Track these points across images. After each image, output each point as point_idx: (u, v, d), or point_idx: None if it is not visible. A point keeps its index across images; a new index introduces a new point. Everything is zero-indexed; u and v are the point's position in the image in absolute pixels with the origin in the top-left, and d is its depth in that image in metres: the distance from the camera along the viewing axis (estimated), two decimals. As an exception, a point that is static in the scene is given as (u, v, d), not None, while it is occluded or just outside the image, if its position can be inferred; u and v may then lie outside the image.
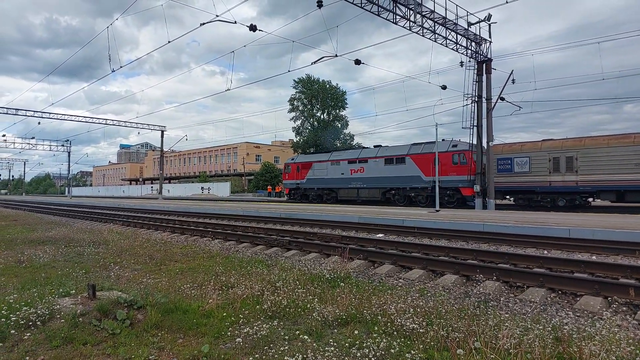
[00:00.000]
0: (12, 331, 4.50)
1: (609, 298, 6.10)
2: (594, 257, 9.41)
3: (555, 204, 24.82)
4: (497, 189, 26.30)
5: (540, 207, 25.02)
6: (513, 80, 25.16)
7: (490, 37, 25.16)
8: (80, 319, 4.81)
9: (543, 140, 26.07)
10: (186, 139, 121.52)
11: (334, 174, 35.72)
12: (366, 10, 20.23)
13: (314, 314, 5.13)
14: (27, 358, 3.96)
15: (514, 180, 26.25)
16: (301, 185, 38.94)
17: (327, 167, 36.49)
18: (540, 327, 4.46)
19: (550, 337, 4.21)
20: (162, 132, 54.67)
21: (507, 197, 27.37)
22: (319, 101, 68.95)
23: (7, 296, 5.81)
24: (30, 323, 4.68)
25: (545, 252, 10.30)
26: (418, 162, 29.99)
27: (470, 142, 24.71)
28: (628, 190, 22.22)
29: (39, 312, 4.86)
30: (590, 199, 25.05)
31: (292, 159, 41.79)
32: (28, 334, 4.46)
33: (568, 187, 23.78)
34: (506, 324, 4.55)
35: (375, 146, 35.04)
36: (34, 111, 46.06)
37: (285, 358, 3.90)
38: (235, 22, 18.30)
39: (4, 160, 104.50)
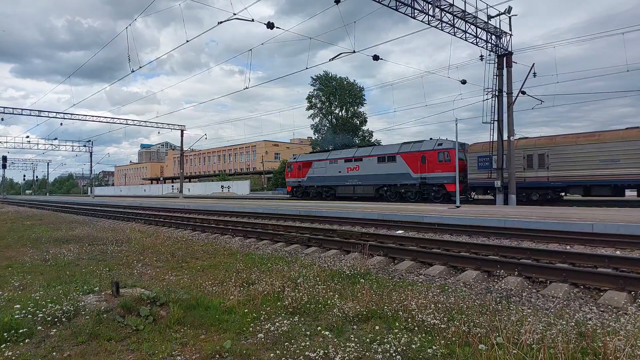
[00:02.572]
0: (39, 327, 4.61)
1: (634, 293, 5.99)
2: (618, 252, 9.25)
3: (529, 198, 26.08)
4: (477, 184, 28.51)
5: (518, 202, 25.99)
6: (534, 73, 24.71)
7: (510, 29, 24.81)
8: (105, 316, 4.89)
9: (519, 138, 27.19)
10: (205, 138, 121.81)
11: (333, 172, 37.44)
12: (384, 5, 20.10)
13: (334, 310, 5.14)
14: (54, 354, 4.05)
15: (494, 177, 27.18)
16: (302, 183, 40.73)
17: (326, 165, 38.25)
18: (564, 322, 4.41)
19: (574, 332, 4.16)
20: (182, 131, 55.21)
21: (488, 192, 28.49)
22: (337, 98, 68.81)
23: (33, 293, 5.95)
24: (56, 319, 4.78)
25: (568, 247, 10.16)
26: (407, 160, 31.56)
27: (455, 140, 25.24)
28: (594, 185, 23.65)
29: (64, 308, 4.97)
30: (563, 194, 26.45)
31: (294, 158, 43.49)
32: (54, 330, 4.55)
33: (540, 182, 25.13)
34: (529, 319, 4.50)
35: (369, 145, 37.12)
36: (57, 112, 46.89)
37: (307, 353, 3.92)
38: (253, 20, 18.38)
39: (28, 161, 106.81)
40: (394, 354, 3.87)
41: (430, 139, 31.48)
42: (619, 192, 23.47)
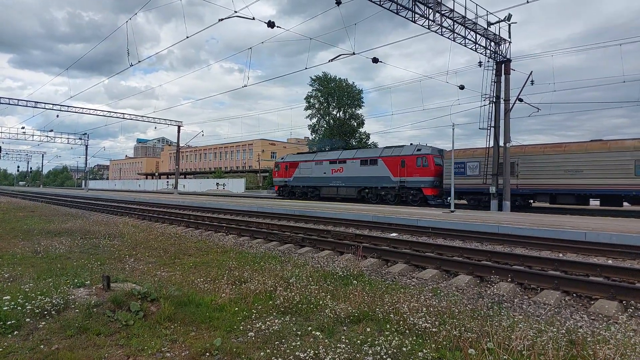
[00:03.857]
0: (28, 319, 4.58)
1: (625, 302, 6.01)
2: (610, 261, 9.29)
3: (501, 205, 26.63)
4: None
5: (487, 207, 26.68)
6: (532, 81, 24.81)
7: (509, 37, 24.84)
8: (95, 310, 4.87)
9: (492, 147, 27.74)
10: (202, 135, 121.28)
11: (318, 173, 38.27)
12: (385, 8, 20.09)
13: (326, 311, 5.13)
14: (42, 346, 4.02)
15: (467, 183, 28.47)
16: (289, 183, 41.49)
17: (312, 166, 39.02)
18: (554, 329, 4.42)
19: (564, 339, 4.16)
20: (179, 127, 55.04)
21: (462, 197, 29.54)
22: (335, 99, 68.77)
23: (23, 285, 5.92)
24: (46, 312, 4.75)
25: (561, 254, 10.19)
26: (388, 164, 32.54)
27: (433, 146, 26.37)
28: (559, 193, 24.86)
29: (54, 301, 4.94)
30: (531, 201, 27.47)
31: (282, 158, 44.26)
32: (43, 323, 4.53)
33: (510, 189, 25.35)
34: (520, 325, 4.50)
35: (353, 148, 38.50)
36: (53, 104, 46.31)
37: (297, 353, 3.91)
38: (254, 19, 18.34)
39: (23, 152, 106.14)
40: (384, 357, 3.86)
41: (411, 144, 32.72)
42: (583, 201, 24.65)
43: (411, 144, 32.69)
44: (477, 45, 24.04)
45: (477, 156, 28.12)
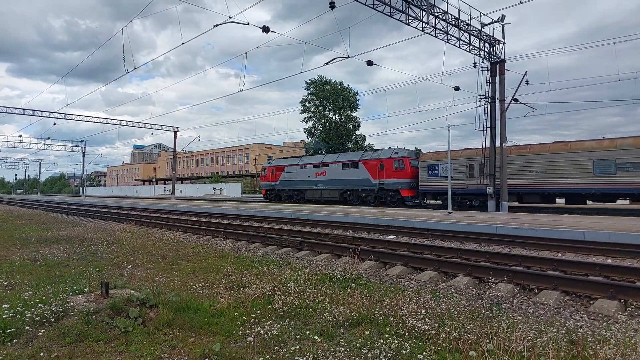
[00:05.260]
0: (27, 327, 4.56)
1: (625, 301, 6.01)
2: (609, 260, 9.29)
3: (472, 204, 28.18)
4: (427, 190, 30.95)
5: (461, 207, 28.37)
6: (527, 81, 24.93)
7: (503, 37, 24.93)
8: (93, 317, 4.85)
9: (463, 149, 30.02)
10: (199, 140, 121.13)
11: (303, 176, 39.66)
12: (378, 11, 20.14)
13: (325, 314, 5.13)
14: (41, 354, 4.01)
15: (441, 184, 29.34)
16: (275, 187, 42.75)
17: (297, 170, 40.47)
18: (554, 330, 4.42)
19: (564, 340, 4.16)
20: (175, 133, 55.01)
21: (437, 197, 31.14)
22: (330, 102, 68.88)
23: (22, 293, 5.90)
24: (45, 320, 4.73)
25: (560, 254, 10.19)
26: (368, 167, 33.92)
27: (409, 149, 27.56)
28: (525, 192, 26.11)
29: (53, 309, 4.92)
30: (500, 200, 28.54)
31: (269, 163, 46.02)
32: (42, 331, 4.51)
33: (481, 189, 26.72)
34: (519, 326, 4.50)
35: (335, 152, 40.49)
36: (50, 112, 46.45)
37: (296, 358, 3.90)
38: (249, 24, 18.36)
39: (20, 160, 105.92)
40: (384, 359, 3.86)
41: (389, 147, 34.11)
42: (549, 200, 26.03)
43: (390, 147, 34.21)
44: (471, 47, 24.11)
45: (450, 158, 28.71)
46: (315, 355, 3.93)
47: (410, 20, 21.13)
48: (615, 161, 22.94)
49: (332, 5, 17.92)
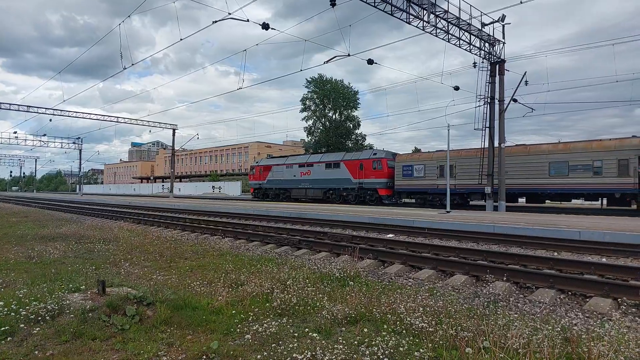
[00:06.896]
0: (22, 325, 4.54)
1: (619, 299, 6.05)
2: (604, 259, 9.34)
3: (442, 203, 28.36)
4: (400, 190, 32.99)
5: (432, 205, 30.37)
6: (526, 82, 24.94)
7: (503, 38, 24.98)
8: (90, 315, 4.84)
9: (435, 151, 32.45)
10: (198, 138, 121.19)
11: (289, 176, 41.18)
12: (380, 9, 20.15)
13: (323, 312, 5.13)
14: (36, 352, 4.00)
15: (414, 184, 31.92)
16: (263, 186, 44.11)
17: (283, 170, 41.93)
18: (550, 327, 4.44)
19: (560, 337, 4.18)
20: (174, 130, 54.99)
21: (411, 197, 33.26)
22: (330, 101, 68.66)
23: (17, 291, 5.87)
24: (40, 318, 4.72)
25: (556, 253, 10.24)
26: (349, 167, 35.46)
27: (387, 150, 30.18)
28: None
29: (48, 307, 4.90)
30: (468, 199, 30.40)
31: (257, 162, 46.94)
32: (37, 329, 4.49)
33: (450, 189, 27.17)
34: (515, 324, 4.52)
35: (319, 153, 43.10)
36: (46, 108, 46.11)
37: (294, 355, 3.90)
38: (248, 20, 18.33)
39: (16, 157, 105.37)
40: (381, 357, 3.87)
41: (370, 148, 36.38)
42: (511, 199, 27.21)
43: (370, 148, 36.83)
44: (471, 46, 24.15)
45: (422, 160, 32.02)
46: (314, 353, 3.94)
47: (411, 19, 21.16)
48: (568, 163, 24.65)
49: (333, 3, 17.89)
